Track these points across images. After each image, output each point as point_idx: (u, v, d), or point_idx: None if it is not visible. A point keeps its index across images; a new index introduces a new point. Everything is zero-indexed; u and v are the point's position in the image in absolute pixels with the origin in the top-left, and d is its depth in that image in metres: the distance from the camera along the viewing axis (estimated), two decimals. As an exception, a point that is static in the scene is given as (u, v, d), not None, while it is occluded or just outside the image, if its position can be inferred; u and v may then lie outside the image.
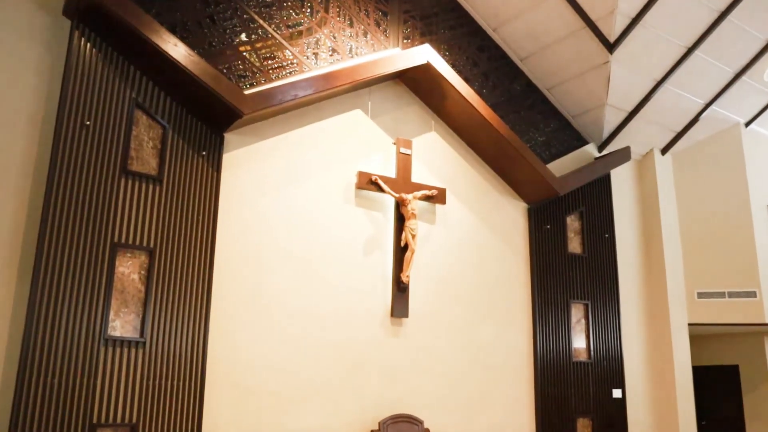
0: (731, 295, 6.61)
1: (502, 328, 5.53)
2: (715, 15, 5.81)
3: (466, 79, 5.73)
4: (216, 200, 4.30)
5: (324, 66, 5.02)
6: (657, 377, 6.43)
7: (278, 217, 4.62)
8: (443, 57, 5.56)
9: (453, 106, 5.42)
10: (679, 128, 6.87)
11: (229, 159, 4.48)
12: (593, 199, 6.35)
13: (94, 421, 3.59)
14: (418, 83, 5.40)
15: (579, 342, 5.89)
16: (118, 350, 3.73)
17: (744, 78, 6.47)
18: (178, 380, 3.91)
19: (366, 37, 5.31)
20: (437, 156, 5.54)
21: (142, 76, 4.13)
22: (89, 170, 3.83)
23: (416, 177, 5.30)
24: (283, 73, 4.82)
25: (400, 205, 5.08)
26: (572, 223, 6.18)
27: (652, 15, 5.59)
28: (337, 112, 5.07)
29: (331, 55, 5.09)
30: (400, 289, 4.97)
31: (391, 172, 5.21)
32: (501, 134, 5.42)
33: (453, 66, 5.67)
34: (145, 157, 4.08)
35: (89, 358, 3.62)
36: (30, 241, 3.72)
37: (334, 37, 5.15)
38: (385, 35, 5.42)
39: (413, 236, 4.97)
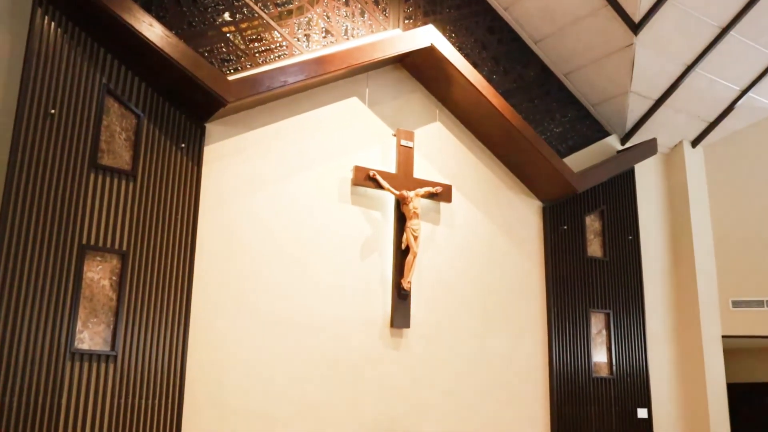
0: (770, 303, 6.59)
1: (513, 340, 5.52)
2: (753, -9, 5.79)
3: (474, 64, 5.72)
4: (196, 198, 4.29)
5: (316, 49, 5.01)
6: (687, 396, 6.41)
7: (265, 216, 4.60)
8: (449, 39, 5.54)
9: (459, 93, 5.41)
10: (712, 118, 6.84)
11: (210, 152, 4.47)
12: (615, 196, 6.34)
13: (60, 443, 3.56)
14: (420, 68, 5.39)
15: (600, 356, 5.88)
16: (86, 365, 3.71)
17: (785, 62, 6.45)
18: (154, 398, 3.89)
19: (363, 17, 5.29)
20: (442, 149, 5.53)
21: (114, 60, 4.11)
22: (54, 164, 3.80)
23: (419, 172, 5.29)
24: (272, 56, 4.81)
25: (400, 203, 5.06)
26: (592, 223, 6.17)
27: (681, -8, 5.57)
28: (331, 100, 5.06)
29: (324, 37, 5.08)
30: (401, 296, 4.96)
31: (391, 167, 5.20)
32: (513, 125, 5.41)
33: (459, 49, 5.65)
34: (117, 149, 4.06)
35: (53, 375, 3.59)
36: (-12, 244, 3.69)
37: (328, 17, 5.13)
38: (385, 15, 5.40)
39: (415, 238, 4.96)
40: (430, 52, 5.19)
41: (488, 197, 5.68)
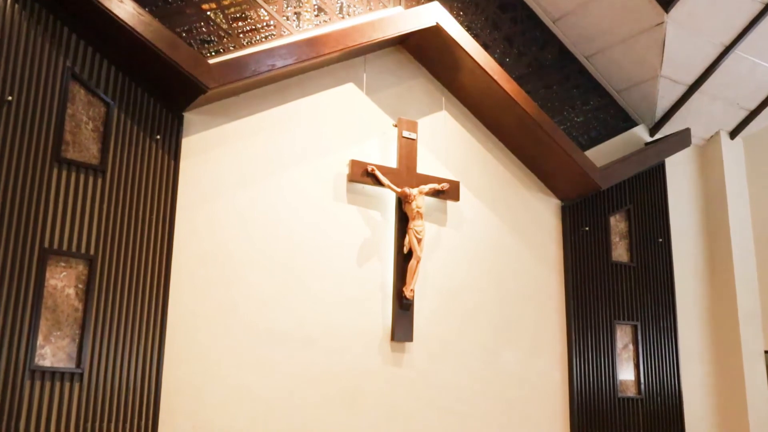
0: (818, 314, 6.57)
1: (529, 356, 5.51)
2: (800, -39, 5.77)
3: (485, 46, 5.71)
4: (173, 195, 4.28)
5: (308, 29, 5.00)
6: (725, 418, 6.39)
7: (251, 216, 4.59)
8: (456, 18, 5.54)
9: (468, 78, 5.40)
10: (753, 105, 6.83)
11: (189, 144, 4.46)
12: (644, 194, 6.33)
13: (18, 472, 3.55)
14: (425, 50, 5.38)
15: (626, 373, 5.86)
16: (47, 384, 3.68)
17: (835, 42, 6.41)
18: (125, 422, 3.87)
19: (360, -8, 5.29)
20: (449, 141, 5.51)
21: (80, 41, 4.09)
22: (12, 158, 3.78)
23: (423, 167, 5.28)
24: (258, 37, 4.81)
25: (402, 202, 5.06)
26: (617, 224, 6.16)
27: (718, -36, 5.56)
28: (325, 86, 5.05)
29: (317, 16, 5.07)
30: (403, 306, 4.95)
31: (392, 161, 5.20)
32: (528, 114, 5.40)
33: (468, 29, 5.64)
34: (83, 141, 4.05)
35: (10, 395, 3.56)
36: (-62, 247, 3.68)
37: (321, -7, 5.13)
38: (385, -10, 5.40)
39: (419, 240, 4.95)
40: (435, 33, 5.17)
41: (500, 195, 5.67)
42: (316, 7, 5.07)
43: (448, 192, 5.28)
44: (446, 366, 5.12)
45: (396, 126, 5.25)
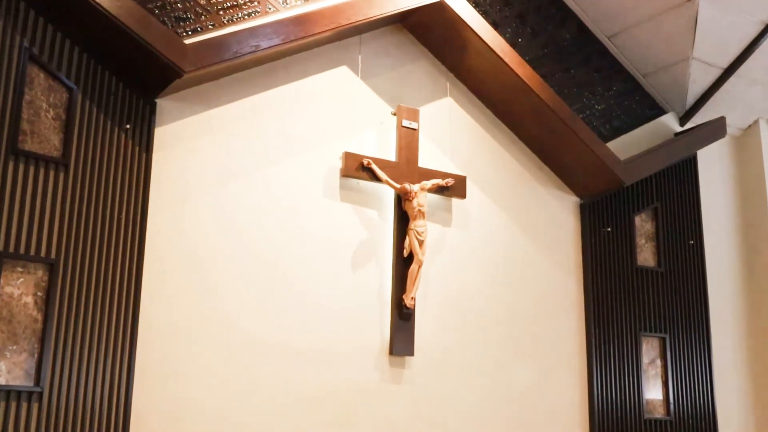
0: None
1: (544, 372, 5.52)
2: None
3: (495, 24, 5.71)
4: (145, 192, 4.28)
5: (297, 5, 4.99)
6: (763, 441, 6.41)
7: (233, 216, 4.59)
8: (463, -7, 5.52)
9: (476, 61, 5.41)
10: (797, 91, 6.84)
11: (163, 134, 4.46)
12: (673, 191, 6.35)
13: (-31, 503, 3.54)
14: (427, 30, 5.38)
15: (653, 391, 5.87)
16: (2, 405, 3.66)
17: None
18: (89, 445, 3.86)
19: (355, -36, 5.28)
20: (454, 131, 5.52)
21: (39, 18, 4.06)
22: (-37, 150, 3.78)
23: (425, 161, 5.28)
24: (240, 14, 4.80)
25: (402, 199, 5.06)
26: (643, 224, 6.17)
27: (757, -69, 5.56)
28: (316, 69, 5.06)
29: (306, -10, 5.07)
30: (403, 316, 4.96)
31: (391, 154, 5.20)
32: (543, 101, 5.41)
33: (476, 5, 5.62)
34: (43, 131, 4.03)
35: (-39, 415, 3.56)
36: None
37: (311, -35, 5.11)
38: (382, -38, 5.39)
39: (420, 243, 4.95)
40: (438, 10, 5.17)
41: (512, 192, 5.68)
42: (305, -20, 5.07)
43: (454, 188, 5.28)
44: (451, 383, 5.12)
45: (395, 114, 5.26)
